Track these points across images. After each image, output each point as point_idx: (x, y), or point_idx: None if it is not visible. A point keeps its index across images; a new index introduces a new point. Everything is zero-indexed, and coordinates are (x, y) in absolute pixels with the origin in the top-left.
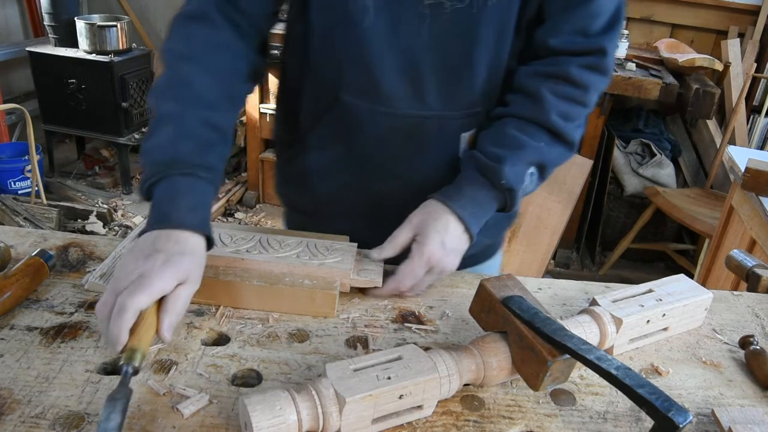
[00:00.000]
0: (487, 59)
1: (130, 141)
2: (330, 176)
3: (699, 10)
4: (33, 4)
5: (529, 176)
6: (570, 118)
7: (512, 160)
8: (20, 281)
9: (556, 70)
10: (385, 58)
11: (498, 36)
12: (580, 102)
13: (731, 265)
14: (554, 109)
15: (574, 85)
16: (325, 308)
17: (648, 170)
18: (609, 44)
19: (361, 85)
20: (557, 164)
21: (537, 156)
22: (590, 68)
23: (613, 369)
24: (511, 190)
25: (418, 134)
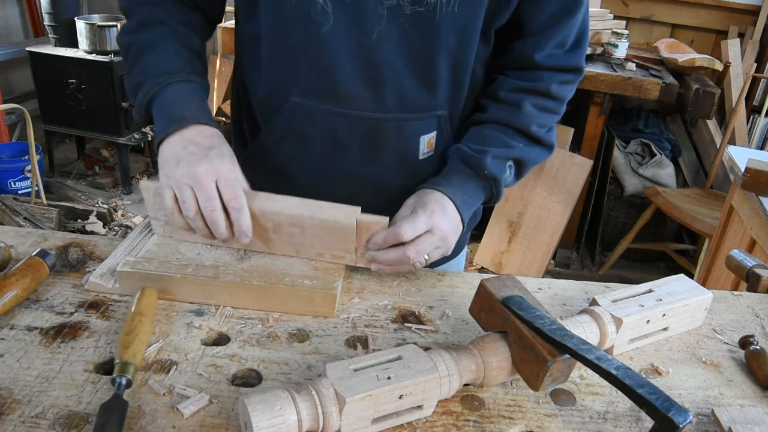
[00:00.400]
0: (449, 64)
1: (130, 141)
2: (285, 179)
3: (699, 10)
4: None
5: (509, 168)
6: (546, 126)
7: (493, 152)
8: (20, 281)
9: (538, 86)
10: (344, 60)
11: (460, 42)
12: (555, 112)
13: (731, 265)
14: (534, 120)
15: (553, 99)
16: (325, 308)
17: (648, 170)
18: (583, 61)
19: (316, 86)
20: (535, 163)
21: (516, 153)
22: (568, 83)
23: (613, 369)
24: (494, 180)
25: (376, 136)
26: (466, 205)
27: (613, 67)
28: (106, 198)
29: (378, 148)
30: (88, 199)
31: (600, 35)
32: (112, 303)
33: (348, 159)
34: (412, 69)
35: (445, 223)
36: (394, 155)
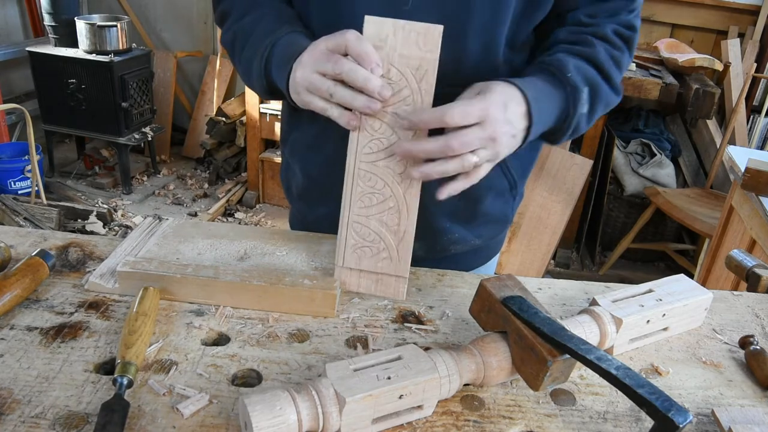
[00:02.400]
0: (482, 36)
1: (130, 141)
2: (314, 151)
3: (699, 10)
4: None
5: (587, 92)
6: (613, 69)
7: (576, 63)
8: (20, 281)
9: (595, 30)
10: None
11: (495, 12)
12: (617, 61)
13: (731, 265)
14: (601, 54)
15: (613, 45)
16: (325, 308)
17: (648, 170)
18: (638, 24)
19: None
20: (605, 103)
21: (594, 79)
22: (623, 38)
23: (613, 369)
24: (575, 89)
25: None
26: (538, 104)
27: None
28: (106, 198)
29: None
30: (88, 199)
31: None
32: (112, 303)
33: None
34: (443, 41)
35: (502, 121)
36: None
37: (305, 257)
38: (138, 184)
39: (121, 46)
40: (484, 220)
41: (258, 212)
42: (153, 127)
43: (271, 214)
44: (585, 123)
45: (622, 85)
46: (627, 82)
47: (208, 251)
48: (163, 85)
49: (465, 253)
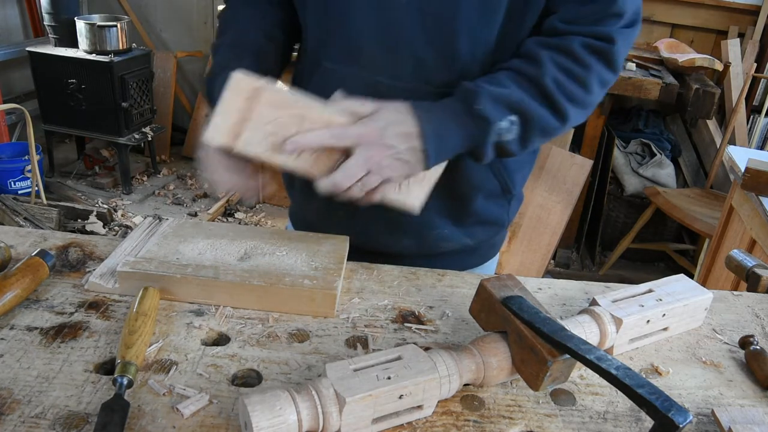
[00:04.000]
0: (469, 39)
1: (130, 141)
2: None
3: (699, 10)
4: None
5: (509, 123)
6: (565, 91)
7: (494, 93)
8: (20, 281)
9: (561, 42)
10: (367, 22)
11: (482, 16)
12: (579, 81)
13: (731, 265)
14: (549, 73)
15: (576, 61)
16: (325, 308)
17: (648, 170)
18: (620, 37)
19: (343, 49)
20: (542, 128)
21: (521, 104)
22: (595, 51)
23: (613, 369)
24: (483, 120)
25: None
26: (437, 137)
27: None
28: (106, 198)
29: None
30: (88, 199)
31: None
32: (112, 303)
33: None
34: (431, 40)
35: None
36: None
37: (305, 257)
38: (138, 184)
39: (121, 46)
40: (475, 220)
41: (258, 212)
42: (153, 127)
43: (271, 214)
44: (517, 148)
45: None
46: (627, 82)
47: (209, 251)
48: (163, 85)
49: (457, 252)
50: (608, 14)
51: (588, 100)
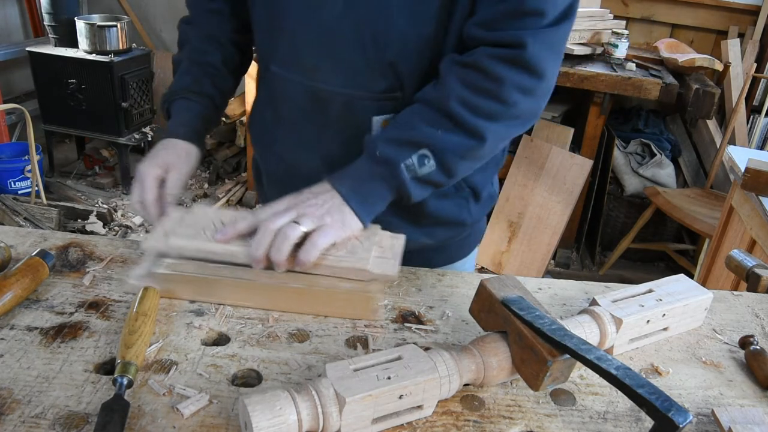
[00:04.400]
0: (401, 44)
1: (130, 141)
2: (264, 140)
3: (699, 10)
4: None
5: (420, 158)
6: (476, 110)
7: (391, 135)
8: (20, 281)
9: (469, 59)
10: (305, 27)
11: (413, 20)
12: (491, 94)
13: (731, 265)
14: (454, 94)
15: (485, 75)
16: (366, 311)
17: (648, 170)
18: (532, 40)
19: (286, 55)
20: (458, 153)
21: (425, 138)
22: (505, 61)
23: (613, 369)
24: (388, 164)
25: (331, 109)
26: (356, 193)
27: (613, 67)
28: (106, 198)
29: (332, 121)
30: (88, 199)
31: (600, 35)
32: (112, 303)
33: (308, 130)
34: (364, 47)
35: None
36: (347, 131)
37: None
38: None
39: (121, 46)
40: (432, 221)
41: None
42: (153, 127)
43: None
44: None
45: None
46: (627, 82)
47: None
48: (163, 85)
49: (419, 251)
50: (523, 12)
51: (510, 112)
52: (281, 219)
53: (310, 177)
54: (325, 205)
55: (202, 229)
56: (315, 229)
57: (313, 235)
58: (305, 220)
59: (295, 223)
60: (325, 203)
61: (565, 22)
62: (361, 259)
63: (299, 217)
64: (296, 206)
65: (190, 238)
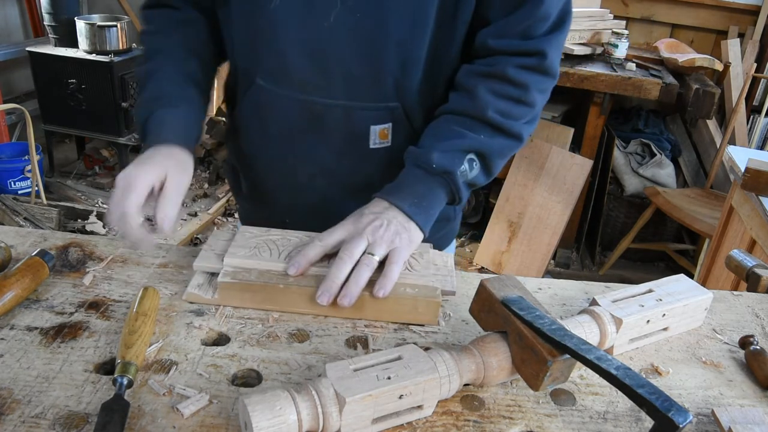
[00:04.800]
0: (398, 53)
1: (130, 141)
2: (249, 153)
3: (699, 10)
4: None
5: (469, 162)
6: (510, 116)
7: (443, 146)
8: (20, 281)
9: (494, 69)
10: (295, 42)
11: (411, 30)
12: (520, 101)
13: (731, 265)
14: (491, 106)
15: (512, 84)
16: (428, 316)
17: (648, 170)
18: (549, 47)
19: (274, 69)
20: (503, 155)
21: (474, 144)
22: (528, 69)
23: (613, 369)
24: (446, 173)
25: (326, 121)
26: (419, 208)
27: (613, 67)
28: (106, 198)
29: (329, 133)
30: (88, 199)
31: (600, 35)
32: (112, 303)
33: (302, 143)
34: (360, 58)
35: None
36: (344, 142)
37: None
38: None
39: (121, 46)
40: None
41: None
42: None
43: None
44: (484, 178)
45: (530, 122)
46: (627, 82)
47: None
48: None
49: None
50: (536, 19)
51: (534, 112)
52: (356, 249)
53: (306, 186)
54: (391, 225)
55: (256, 248)
56: (388, 257)
57: (387, 269)
58: (378, 248)
59: (369, 254)
60: (390, 224)
61: (568, 21)
62: (423, 276)
63: (371, 246)
64: (364, 232)
65: (246, 258)
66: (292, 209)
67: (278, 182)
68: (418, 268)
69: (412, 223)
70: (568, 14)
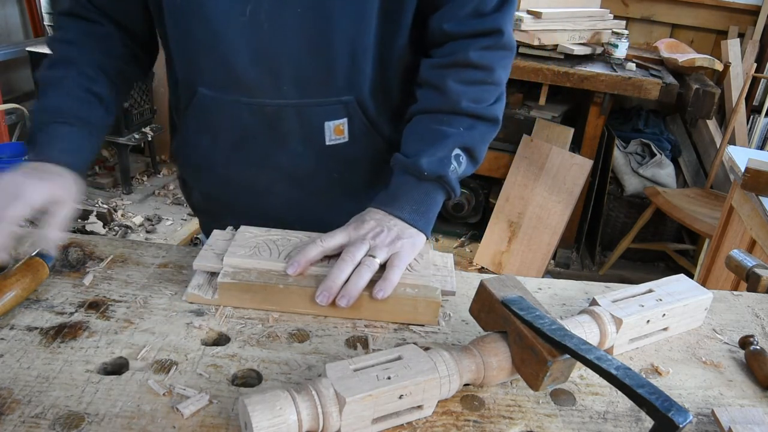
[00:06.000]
0: (347, 48)
1: (130, 141)
2: (207, 171)
3: (699, 10)
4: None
5: (456, 159)
6: (482, 101)
7: (429, 151)
8: (20, 281)
9: (456, 58)
10: (239, 45)
11: (355, 25)
12: (488, 82)
13: (731, 265)
14: (463, 96)
15: (478, 68)
16: (428, 316)
17: (648, 170)
18: (504, 22)
19: (218, 76)
20: (485, 140)
21: (457, 140)
22: (489, 48)
23: (613, 369)
24: (439, 177)
25: (279, 122)
26: (420, 214)
27: (613, 67)
28: (106, 198)
29: (284, 135)
30: (88, 199)
31: (600, 35)
32: (112, 303)
33: (257, 147)
34: (308, 54)
35: (366, 228)
36: (300, 141)
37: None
38: (138, 184)
39: None
40: None
41: None
42: (153, 127)
43: None
44: (471, 167)
45: (502, 100)
46: (627, 82)
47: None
48: (163, 85)
49: None
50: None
51: (500, 90)
52: (358, 252)
53: (266, 193)
54: (393, 231)
55: (256, 248)
56: (389, 260)
57: (388, 272)
58: (379, 251)
59: (371, 256)
60: (392, 230)
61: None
62: (423, 276)
63: (373, 249)
64: (366, 236)
65: (246, 258)
66: (252, 218)
67: (235, 191)
68: (418, 268)
69: (413, 228)
70: None
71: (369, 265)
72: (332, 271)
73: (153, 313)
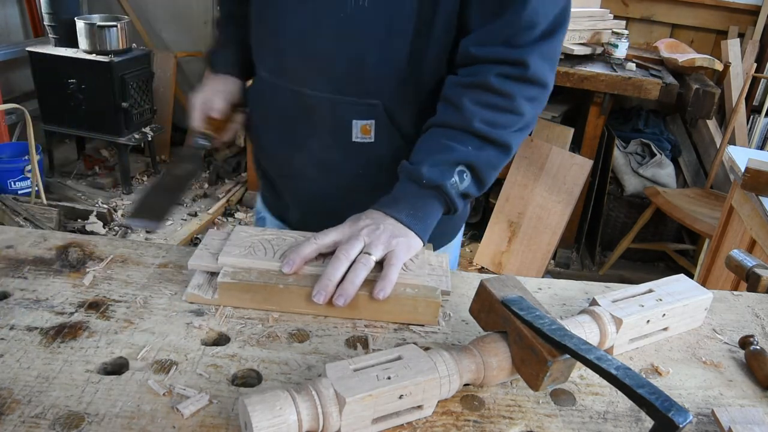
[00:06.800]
0: (378, 52)
1: (130, 141)
2: (255, 139)
3: (699, 10)
4: (33, 4)
5: (459, 174)
6: (497, 125)
7: (431, 160)
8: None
9: (476, 79)
10: (296, 50)
11: (388, 34)
12: (507, 110)
13: (731, 265)
14: (476, 117)
15: (496, 93)
16: (428, 316)
17: (648, 170)
18: (532, 57)
19: (274, 61)
20: (492, 165)
21: (462, 156)
22: (511, 78)
23: (613, 369)
24: (437, 187)
25: (313, 112)
26: (416, 219)
27: (613, 67)
28: (106, 198)
29: (316, 124)
30: (88, 199)
31: (600, 35)
32: (112, 303)
33: (295, 132)
34: (342, 55)
35: (359, 226)
36: (329, 133)
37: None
38: (138, 184)
39: (121, 46)
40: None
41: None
42: (153, 127)
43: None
44: (476, 190)
45: (519, 131)
46: (627, 82)
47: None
48: (163, 85)
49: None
50: (519, 27)
51: (525, 121)
52: (352, 249)
53: (300, 176)
54: (388, 230)
55: (251, 248)
56: (385, 259)
57: (386, 271)
58: (374, 249)
59: (367, 253)
60: (386, 230)
61: (560, 30)
62: (418, 276)
63: (368, 246)
64: (360, 233)
65: (240, 257)
66: (294, 199)
67: (279, 170)
68: (413, 268)
69: (410, 230)
70: (561, 24)
71: (365, 262)
72: (327, 269)
73: (153, 313)
